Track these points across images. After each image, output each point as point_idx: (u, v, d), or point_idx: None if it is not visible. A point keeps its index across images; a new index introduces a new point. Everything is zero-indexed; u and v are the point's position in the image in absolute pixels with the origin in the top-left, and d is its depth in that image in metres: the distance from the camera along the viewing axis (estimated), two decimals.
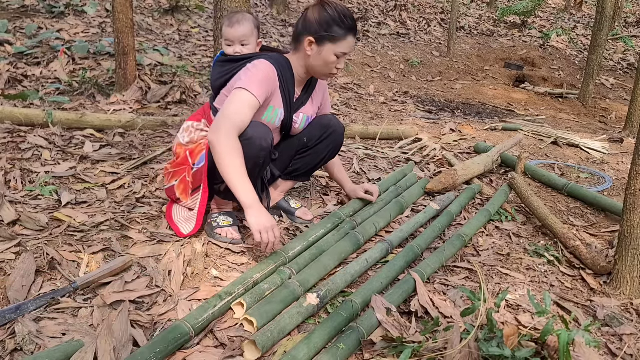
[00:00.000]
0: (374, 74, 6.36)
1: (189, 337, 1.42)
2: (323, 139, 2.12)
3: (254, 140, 1.79)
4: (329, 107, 2.25)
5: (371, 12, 9.05)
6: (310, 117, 2.13)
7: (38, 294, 1.56)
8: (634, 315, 1.82)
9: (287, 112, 2.00)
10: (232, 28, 2.07)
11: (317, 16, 1.85)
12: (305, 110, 2.09)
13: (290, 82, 1.97)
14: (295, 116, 2.06)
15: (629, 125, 4.80)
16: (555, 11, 12.69)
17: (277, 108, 1.95)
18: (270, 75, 1.86)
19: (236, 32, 2.06)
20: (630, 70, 8.14)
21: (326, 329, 1.48)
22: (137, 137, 3.01)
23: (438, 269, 1.95)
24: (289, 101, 1.98)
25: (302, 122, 2.09)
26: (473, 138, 3.80)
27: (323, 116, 2.17)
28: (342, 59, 1.90)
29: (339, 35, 1.85)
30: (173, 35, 5.80)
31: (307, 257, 1.85)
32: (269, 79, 1.86)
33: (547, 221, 2.33)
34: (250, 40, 2.09)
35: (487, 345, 1.34)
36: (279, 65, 1.92)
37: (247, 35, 2.07)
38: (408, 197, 2.47)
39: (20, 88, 3.75)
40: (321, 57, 1.88)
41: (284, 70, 1.94)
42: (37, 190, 2.19)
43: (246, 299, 1.58)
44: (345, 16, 1.85)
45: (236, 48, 2.07)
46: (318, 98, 2.16)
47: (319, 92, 2.15)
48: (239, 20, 2.08)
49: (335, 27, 1.84)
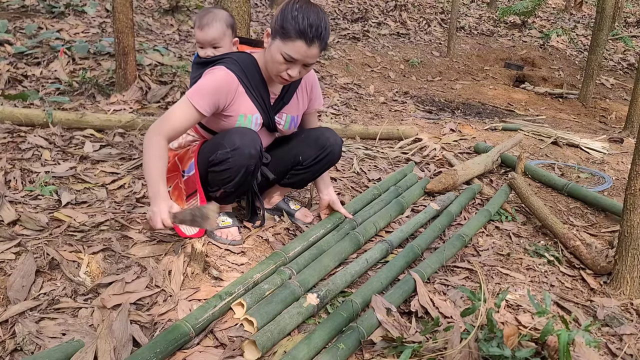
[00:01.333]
0: (374, 74, 6.36)
1: (189, 337, 1.42)
2: (319, 159, 2.02)
3: (242, 149, 1.77)
4: (320, 100, 2.11)
5: (371, 12, 9.05)
6: (296, 117, 2.02)
7: None
8: (634, 315, 1.82)
9: (266, 114, 1.91)
10: (202, 31, 1.96)
11: (282, 8, 1.73)
12: (288, 110, 1.99)
13: (259, 84, 1.87)
14: (278, 117, 1.97)
15: (629, 125, 4.79)
16: (555, 11, 12.69)
17: (248, 115, 1.87)
18: (221, 85, 1.77)
19: (206, 36, 1.95)
20: (630, 70, 8.14)
21: (326, 329, 1.48)
22: (137, 137, 3.01)
23: (438, 269, 1.95)
24: (264, 104, 1.90)
25: (286, 122, 2.00)
26: (473, 138, 3.79)
27: (320, 132, 2.04)
28: (292, 65, 1.73)
29: (289, 35, 1.68)
30: (173, 35, 5.80)
31: (307, 257, 1.85)
32: (220, 90, 1.77)
33: (547, 221, 2.33)
34: (222, 42, 1.98)
35: (487, 345, 1.34)
36: (243, 69, 1.82)
37: (217, 38, 1.96)
38: (408, 197, 2.47)
39: (20, 88, 3.75)
40: (270, 51, 1.75)
41: (249, 74, 1.84)
42: (37, 190, 2.19)
43: (246, 299, 1.58)
44: (305, 18, 1.66)
45: (207, 51, 1.97)
46: (305, 94, 2.03)
47: (305, 88, 2.02)
48: (209, 22, 1.95)
49: (288, 24, 1.67)
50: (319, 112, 3.44)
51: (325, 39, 1.73)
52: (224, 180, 1.85)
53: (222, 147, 1.80)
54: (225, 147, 1.79)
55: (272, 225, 2.14)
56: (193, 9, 6.69)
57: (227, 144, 1.79)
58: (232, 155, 1.78)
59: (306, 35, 1.67)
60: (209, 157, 1.84)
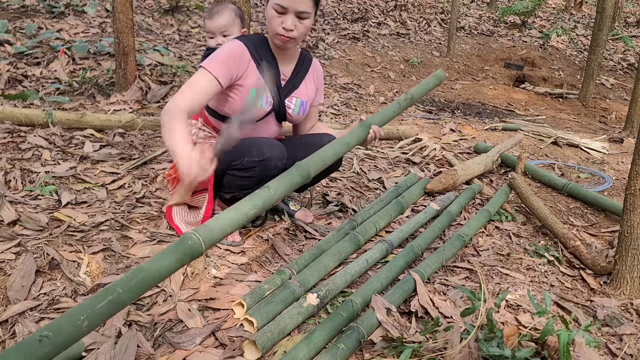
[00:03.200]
0: (374, 74, 6.36)
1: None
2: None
3: (270, 161, 1.80)
4: (322, 97, 2.14)
5: (371, 12, 9.04)
6: (305, 103, 2.00)
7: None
8: (634, 315, 1.82)
9: (276, 95, 1.90)
10: (212, 19, 2.03)
11: None
12: (299, 94, 1.98)
13: (271, 61, 1.88)
14: (288, 100, 1.95)
15: (629, 125, 4.80)
16: (555, 11, 12.69)
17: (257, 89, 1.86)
18: (235, 52, 1.79)
19: (216, 23, 2.02)
20: (630, 70, 8.14)
21: (326, 329, 1.48)
22: (137, 137, 3.01)
23: (438, 269, 1.95)
24: (274, 83, 1.89)
25: (296, 106, 1.97)
26: (473, 138, 3.79)
27: (321, 138, 2.01)
28: (285, 17, 1.75)
29: None
30: (173, 35, 5.80)
31: (307, 257, 1.85)
32: (234, 56, 1.78)
33: (547, 221, 2.33)
34: (231, 30, 2.04)
35: (487, 345, 1.34)
36: (253, 43, 1.84)
37: (227, 25, 2.03)
38: (408, 197, 2.47)
39: (20, 88, 3.75)
40: (267, 14, 1.79)
41: (259, 49, 1.85)
42: (37, 190, 2.19)
43: (246, 299, 1.58)
44: None
45: (218, 39, 2.04)
46: (313, 83, 2.04)
47: (314, 77, 2.04)
48: (219, 11, 2.04)
49: None
50: (319, 113, 3.44)
51: None
52: (242, 186, 1.86)
53: (250, 155, 1.80)
54: (253, 156, 1.80)
55: (272, 225, 2.14)
56: (193, 9, 6.69)
57: (255, 152, 1.80)
58: (259, 166, 1.79)
59: None
60: (232, 161, 1.83)
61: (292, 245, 2.04)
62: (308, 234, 2.13)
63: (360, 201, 2.51)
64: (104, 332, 1.44)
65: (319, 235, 2.11)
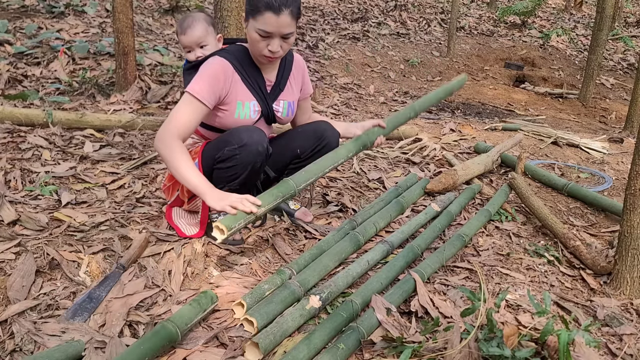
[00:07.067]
0: (374, 74, 6.36)
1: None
2: (316, 151, 2.04)
3: (250, 145, 1.78)
4: (310, 87, 2.15)
5: (371, 12, 9.04)
6: (292, 103, 2.03)
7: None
8: (634, 315, 1.82)
9: (263, 102, 1.93)
10: (186, 35, 2.01)
11: None
12: (285, 97, 2.00)
13: (253, 71, 1.89)
14: (276, 104, 1.98)
15: (629, 125, 4.79)
16: (555, 11, 12.68)
17: (246, 102, 1.88)
18: (218, 72, 1.79)
19: (190, 37, 2.00)
20: (630, 70, 8.14)
21: (326, 329, 1.48)
22: (137, 137, 3.01)
23: (438, 269, 1.95)
24: (260, 91, 1.91)
25: (284, 109, 2.00)
26: (473, 138, 3.79)
27: (317, 125, 2.07)
28: (270, 40, 1.75)
29: (258, 10, 1.71)
30: (173, 35, 5.80)
31: (307, 257, 1.85)
32: (217, 77, 1.78)
33: (547, 221, 2.33)
34: (207, 40, 2.03)
35: (487, 345, 1.34)
36: (235, 57, 1.84)
37: (201, 36, 2.01)
38: (408, 197, 2.47)
39: (20, 88, 3.75)
40: (249, 35, 1.79)
41: (242, 61, 1.86)
42: (37, 190, 2.19)
43: (246, 299, 1.58)
44: None
45: (197, 52, 2.02)
46: (297, 81, 2.05)
47: (296, 74, 2.05)
48: (190, 24, 2.01)
49: (255, 0, 1.72)
50: (319, 113, 3.44)
51: (294, 4, 1.73)
52: (230, 177, 1.85)
53: (229, 144, 1.80)
54: (232, 144, 1.80)
55: (272, 225, 2.14)
56: (193, 9, 6.69)
57: (234, 140, 1.80)
58: (240, 152, 1.78)
59: (272, 5, 1.69)
60: (215, 155, 1.84)
61: (292, 245, 2.04)
62: (308, 234, 2.13)
63: (360, 201, 2.51)
64: (104, 332, 1.44)
65: (319, 235, 2.11)
